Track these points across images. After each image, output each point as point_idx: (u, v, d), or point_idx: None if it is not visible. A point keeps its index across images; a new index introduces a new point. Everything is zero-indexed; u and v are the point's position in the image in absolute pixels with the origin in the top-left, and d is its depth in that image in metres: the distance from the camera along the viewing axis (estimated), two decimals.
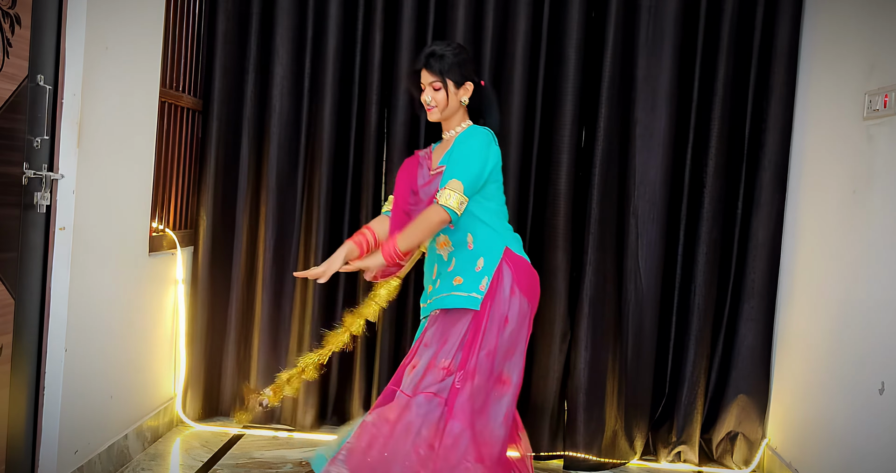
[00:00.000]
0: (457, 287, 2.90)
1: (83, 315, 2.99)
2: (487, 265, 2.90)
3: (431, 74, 2.93)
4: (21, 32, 2.58)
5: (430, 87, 2.94)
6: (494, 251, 2.92)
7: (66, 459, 2.95)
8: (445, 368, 2.84)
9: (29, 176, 2.69)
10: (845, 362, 3.05)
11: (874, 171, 2.92)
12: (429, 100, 2.95)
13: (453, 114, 2.99)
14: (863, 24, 3.12)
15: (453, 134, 3.01)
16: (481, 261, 2.91)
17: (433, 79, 2.92)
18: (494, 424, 2.85)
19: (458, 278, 2.91)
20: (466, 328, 2.87)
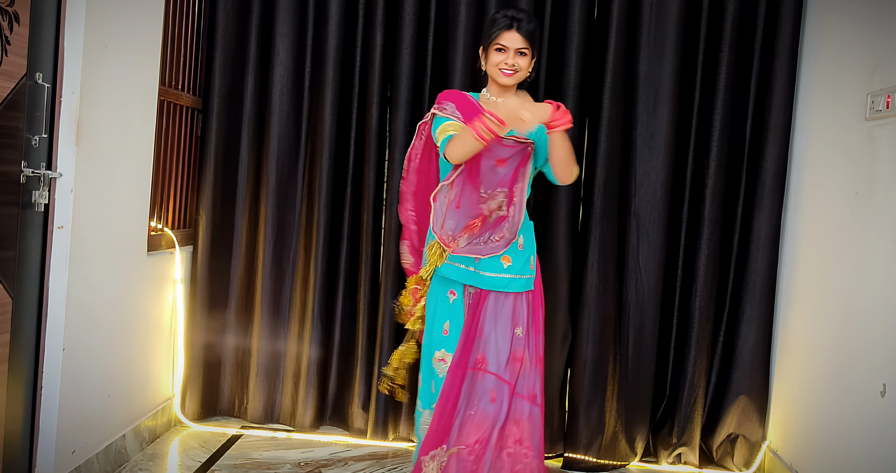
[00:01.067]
0: (508, 269, 2.93)
1: (81, 314, 2.98)
2: (528, 243, 2.99)
3: (522, 37, 2.88)
4: (19, 30, 2.57)
5: (515, 51, 2.89)
6: (529, 228, 3.02)
7: (63, 459, 2.93)
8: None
9: (27, 175, 2.67)
10: (846, 364, 3.04)
11: (876, 172, 2.91)
12: (513, 64, 2.89)
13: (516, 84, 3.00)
14: (865, 24, 3.11)
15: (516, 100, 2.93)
16: (522, 239, 2.96)
17: (522, 44, 2.89)
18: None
19: (507, 258, 2.93)
20: (527, 309, 2.95)
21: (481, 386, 2.89)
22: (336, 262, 3.92)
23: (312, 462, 3.58)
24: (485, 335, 2.92)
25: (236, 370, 4.00)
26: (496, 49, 2.92)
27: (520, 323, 2.93)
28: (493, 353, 2.89)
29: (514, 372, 2.90)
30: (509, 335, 2.91)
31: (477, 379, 2.90)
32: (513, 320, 2.94)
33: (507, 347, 2.89)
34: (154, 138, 3.49)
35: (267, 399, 3.96)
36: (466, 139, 2.73)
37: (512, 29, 2.88)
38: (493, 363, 2.88)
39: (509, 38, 2.89)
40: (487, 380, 2.89)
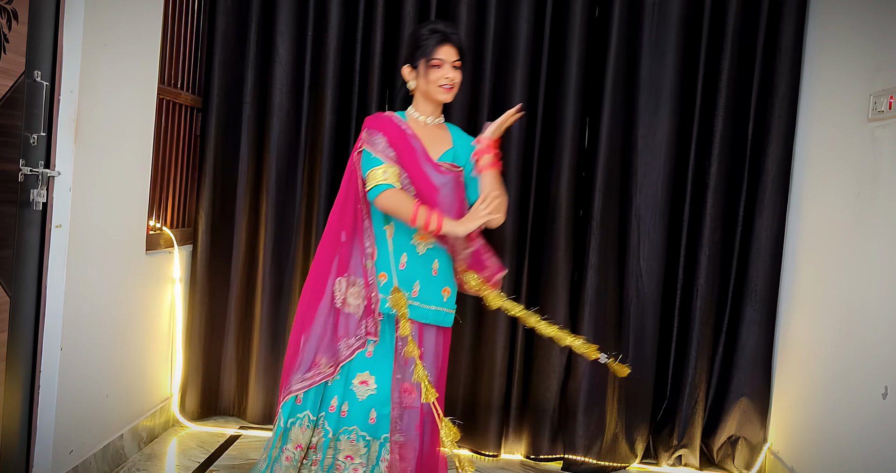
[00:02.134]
0: (447, 303, 2.86)
1: (79, 314, 2.97)
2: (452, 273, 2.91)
3: (456, 50, 2.77)
4: (18, 28, 2.56)
5: (451, 65, 2.76)
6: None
7: (60, 459, 2.92)
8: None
9: (25, 173, 2.66)
10: (848, 366, 3.03)
11: (879, 173, 2.90)
12: (453, 78, 2.76)
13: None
14: (868, 25, 3.10)
15: (438, 122, 2.89)
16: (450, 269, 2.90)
17: (456, 58, 2.77)
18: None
19: (447, 290, 2.86)
20: (445, 347, 2.93)
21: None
22: None
23: None
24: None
25: (235, 370, 3.99)
26: (433, 65, 2.76)
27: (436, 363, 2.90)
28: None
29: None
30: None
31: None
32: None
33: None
34: (153, 137, 3.48)
35: (266, 399, 3.95)
36: (403, 213, 2.66)
37: (447, 43, 2.76)
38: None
39: (445, 52, 2.76)
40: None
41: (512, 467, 3.74)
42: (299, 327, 2.91)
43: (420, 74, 2.80)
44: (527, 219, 3.76)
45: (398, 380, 2.79)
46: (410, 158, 2.76)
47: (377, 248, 2.82)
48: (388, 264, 2.80)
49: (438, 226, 2.63)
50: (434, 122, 2.88)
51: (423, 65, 2.78)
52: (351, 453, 2.79)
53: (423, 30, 2.81)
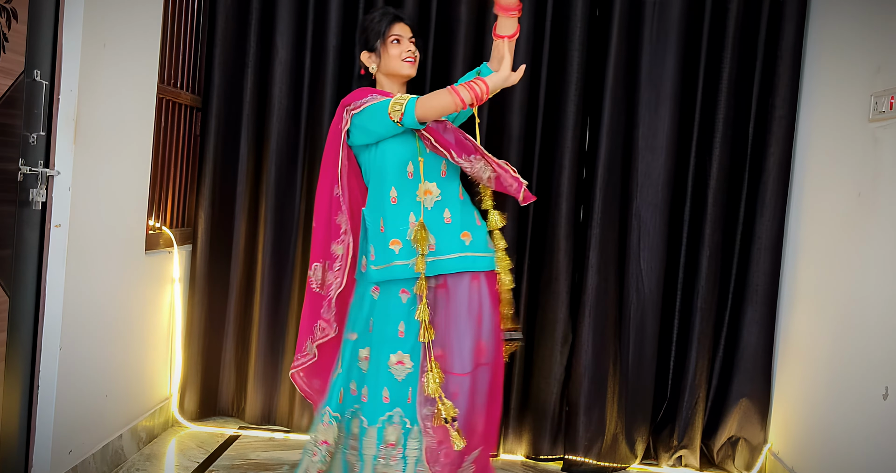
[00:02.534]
0: (471, 247, 2.82)
1: (78, 314, 2.96)
2: (480, 219, 2.90)
3: (409, 28, 2.92)
4: (18, 27, 2.56)
5: (409, 41, 2.91)
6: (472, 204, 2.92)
7: (59, 459, 2.91)
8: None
9: (24, 173, 2.66)
10: (849, 366, 3.02)
11: (879, 174, 2.89)
12: (414, 51, 2.91)
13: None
14: (869, 24, 3.09)
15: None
16: (476, 214, 2.89)
17: (411, 34, 2.92)
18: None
19: (466, 234, 2.83)
20: (489, 292, 2.84)
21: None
22: None
23: None
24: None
25: (234, 370, 3.98)
26: (392, 42, 2.88)
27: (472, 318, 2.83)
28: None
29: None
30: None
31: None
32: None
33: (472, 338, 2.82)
34: (153, 137, 3.47)
35: (264, 400, 3.94)
36: (443, 102, 2.62)
37: (400, 21, 2.91)
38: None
39: (401, 29, 2.90)
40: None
41: (512, 467, 3.73)
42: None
43: (381, 54, 2.90)
44: (527, 219, 3.75)
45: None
46: None
47: (384, 216, 2.81)
48: (399, 228, 2.80)
49: (486, 87, 2.65)
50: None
51: (382, 44, 2.88)
52: (394, 440, 2.78)
53: (374, 14, 2.96)
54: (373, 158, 2.84)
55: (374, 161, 2.84)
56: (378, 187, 2.84)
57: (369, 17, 2.95)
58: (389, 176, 2.81)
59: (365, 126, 2.77)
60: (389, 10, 2.94)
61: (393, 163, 2.81)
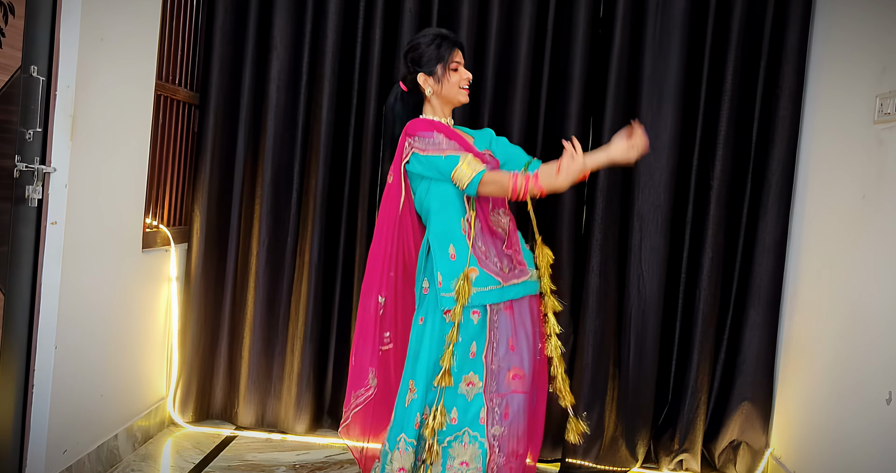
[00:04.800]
0: (529, 270, 2.89)
1: (74, 312, 2.94)
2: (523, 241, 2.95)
3: (463, 54, 2.86)
4: (14, 22, 2.54)
5: (463, 67, 2.86)
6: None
7: (54, 459, 2.90)
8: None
9: (21, 169, 2.64)
10: (852, 370, 3.00)
11: (884, 175, 2.87)
12: (469, 78, 2.87)
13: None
14: (874, 25, 3.07)
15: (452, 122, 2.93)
16: (521, 238, 2.97)
17: (462, 60, 2.87)
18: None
19: (524, 261, 2.91)
20: (539, 313, 2.92)
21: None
22: (333, 260, 3.88)
23: (308, 464, 3.53)
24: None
25: (228, 373, 3.95)
26: (453, 69, 2.84)
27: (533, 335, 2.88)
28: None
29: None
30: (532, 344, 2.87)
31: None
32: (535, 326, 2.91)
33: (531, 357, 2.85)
34: (150, 133, 3.45)
35: (257, 405, 3.91)
36: (503, 185, 2.64)
37: (457, 47, 2.85)
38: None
39: (459, 56, 2.85)
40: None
41: None
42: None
43: (439, 80, 2.84)
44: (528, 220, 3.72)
45: (493, 370, 2.75)
46: (468, 148, 2.78)
47: (455, 244, 2.78)
48: (471, 256, 2.78)
49: (542, 191, 2.61)
50: (451, 123, 2.92)
51: (442, 69, 2.83)
52: (466, 459, 2.75)
53: (432, 37, 2.86)
54: (436, 188, 2.80)
55: (438, 191, 2.80)
56: (445, 215, 2.80)
57: (426, 38, 2.87)
58: (459, 206, 2.80)
59: (425, 169, 2.77)
60: (449, 36, 2.86)
61: (460, 196, 2.80)
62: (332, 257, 3.88)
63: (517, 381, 2.76)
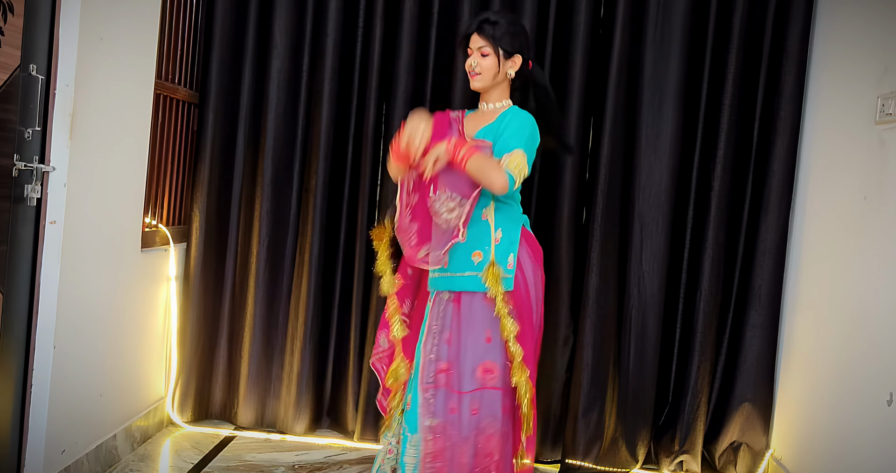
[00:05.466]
0: (479, 266, 2.74)
1: (73, 311, 2.93)
2: (508, 238, 2.78)
3: (482, 38, 2.80)
4: (14, 21, 2.53)
5: (479, 52, 2.81)
6: (513, 223, 2.82)
7: (52, 458, 2.89)
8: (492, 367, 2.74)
9: (20, 168, 2.63)
10: (853, 371, 2.99)
11: (886, 177, 2.86)
12: (474, 65, 2.82)
13: (497, 85, 2.87)
14: (876, 25, 3.06)
15: (494, 108, 2.88)
16: (499, 233, 2.78)
17: (482, 44, 2.80)
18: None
19: (478, 253, 2.76)
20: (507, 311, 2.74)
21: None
22: (333, 260, 3.87)
23: (307, 465, 3.52)
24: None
25: (228, 373, 3.94)
26: (465, 55, 2.89)
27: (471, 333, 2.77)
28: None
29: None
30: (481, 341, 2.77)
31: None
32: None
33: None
34: (149, 133, 3.44)
35: (257, 404, 3.90)
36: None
37: (473, 32, 2.83)
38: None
39: (474, 41, 2.83)
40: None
41: None
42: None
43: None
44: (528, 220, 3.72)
45: (430, 359, 2.74)
46: (441, 134, 2.80)
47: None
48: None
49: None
50: (487, 108, 2.91)
51: (462, 54, 2.91)
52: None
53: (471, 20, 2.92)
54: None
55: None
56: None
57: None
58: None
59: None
60: (477, 18, 2.86)
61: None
62: (332, 256, 3.87)
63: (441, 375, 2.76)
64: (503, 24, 2.80)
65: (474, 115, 2.95)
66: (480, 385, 2.72)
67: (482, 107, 2.92)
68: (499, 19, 2.81)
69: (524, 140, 2.70)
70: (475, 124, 2.89)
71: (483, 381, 2.72)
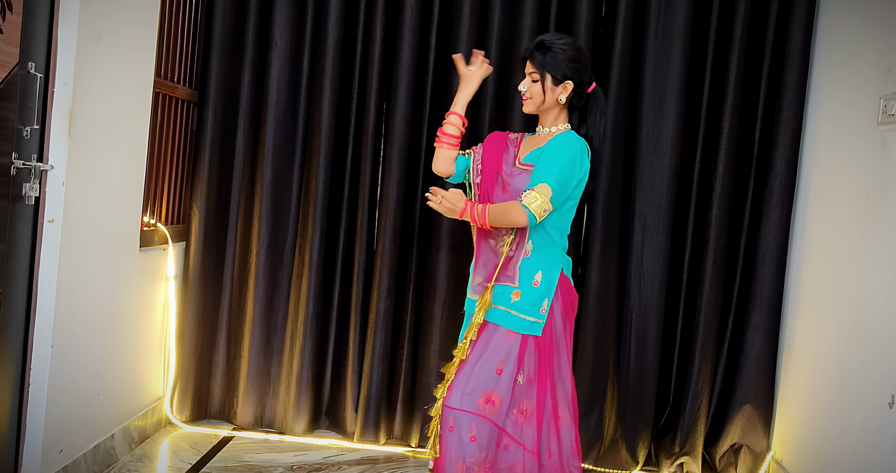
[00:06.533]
0: (515, 305, 2.78)
1: (71, 311, 2.91)
2: (546, 283, 2.80)
3: (532, 64, 2.83)
4: (12, 18, 2.52)
5: (529, 77, 2.84)
6: (553, 268, 2.82)
7: (50, 458, 2.87)
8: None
9: (18, 166, 2.62)
10: (854, 373, 2.98)
11: (888, 177, 2.85)
12: (523, 90, 2.85)
13: (550, 109, 2.87)
14: (879, 26, 3.05)
15: (548, 132, 2.89)
16: (539, 275, 2.79)
17: (532, 69, 2.82)
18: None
19: (517, 293, 2.79)
20: (523, 351, 2.80)
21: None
22: (333, 260, 3.86)
23: (305, 465, 3.51)
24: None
25: (227, 372, 3.93)
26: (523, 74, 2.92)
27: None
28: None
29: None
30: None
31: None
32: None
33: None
34: (148, 131, 3.42)
35: (256, 404, 3.89)
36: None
37: (525, 59, 2.87)
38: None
39: (527, 66, 2.87)
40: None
41: None
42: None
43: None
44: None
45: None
46: (496, 155, 2.97)
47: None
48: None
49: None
50: (543, 132, 2.93)
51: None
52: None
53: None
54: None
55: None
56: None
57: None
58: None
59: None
60: (532, 42, 2.88)
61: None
62: (332, 256, 3.86)
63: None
64: (556, 49, 2.80)
65: (532, 137, 2.97)
66: (479, 412, 2.76)
67: (538, 130, 2.95)
68: (552, 44, 2.80)
69: (555, 173, 2.70)
70: (529, 147, 2.92)
71: (483, 410, 2.75)
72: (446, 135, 2.98)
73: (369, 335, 3.76)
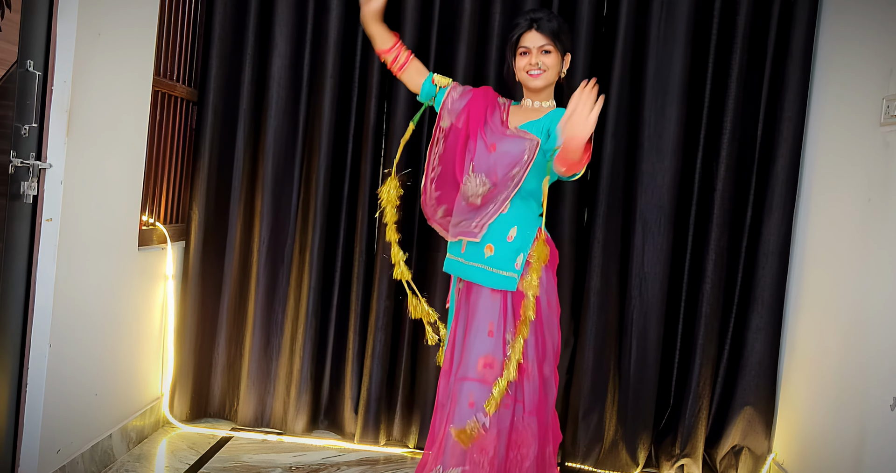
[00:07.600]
0: (488, 260, 2.77)
1: (69, 310, 2.90)
2: (522, 238, 2.76)
3: (543, 35, 2.79)
4: (11, 16, 2.51)
5: (539, 50, 2.80)
6: (530, 223, 2.80)
7: (47, 458, 2.86)
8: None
9: (16, 165, 2.61)
10: (855, 375, 2.97)
11: (890, 179, 2.84)
12: (540, 63, 2.80)
13: (549, 85, 2.87)
14: (881, 26, 3.03)
15: (541, 106, 2.87)
16: (514, 230, 2.77)
17: (544, 42, 2.79)
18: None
19: (490, 247, 2.78)
20: (505, 308, 2.76)
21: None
22: (333, 259, 3.85)
23: (304, 466, 3.50)
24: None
25: (227, 370, 3.92)
26: (520, 53, 2.86)
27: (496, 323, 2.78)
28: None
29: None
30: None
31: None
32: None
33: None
34: (147, 130, 3.41)
35: (257, 402, 3.88)
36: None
37: (532, 29, 2.81)
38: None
39: (531, 39, 2.81)
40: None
41: None
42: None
43: (515, 65, 2.90)
44: None
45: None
46: (482, 107, 2.90)
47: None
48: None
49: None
50: (533, 105, 2.91)
51: (512, 55, 2.88)
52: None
53: (517, 19, 2.88)
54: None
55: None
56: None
57: (514, 22, 2.91)
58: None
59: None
60: (528, 16, 2.84)
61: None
62: (332, 256, 3.85)
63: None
64: (559, 21, 2.81)
65: (518, 108, 2.95)
66: (479, 378, 2.72)
67: (526, 103, 2.93)
68: (552, 16, 2.81)
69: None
70: (519, 117, 2.88)
71: (483, 375, 2.72)
72: (386, 58, 3.01)
73: (369, 335, 3.75)
